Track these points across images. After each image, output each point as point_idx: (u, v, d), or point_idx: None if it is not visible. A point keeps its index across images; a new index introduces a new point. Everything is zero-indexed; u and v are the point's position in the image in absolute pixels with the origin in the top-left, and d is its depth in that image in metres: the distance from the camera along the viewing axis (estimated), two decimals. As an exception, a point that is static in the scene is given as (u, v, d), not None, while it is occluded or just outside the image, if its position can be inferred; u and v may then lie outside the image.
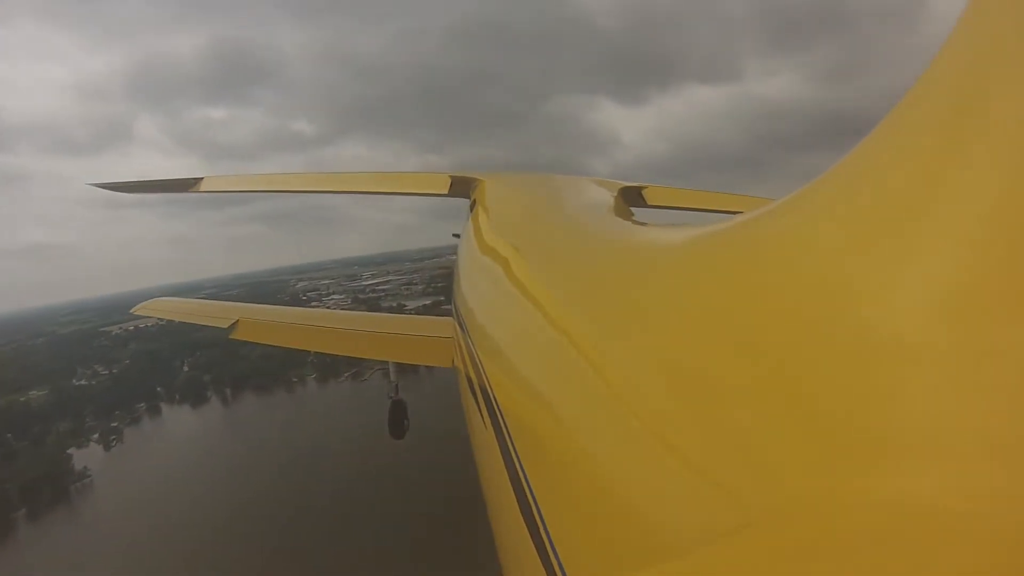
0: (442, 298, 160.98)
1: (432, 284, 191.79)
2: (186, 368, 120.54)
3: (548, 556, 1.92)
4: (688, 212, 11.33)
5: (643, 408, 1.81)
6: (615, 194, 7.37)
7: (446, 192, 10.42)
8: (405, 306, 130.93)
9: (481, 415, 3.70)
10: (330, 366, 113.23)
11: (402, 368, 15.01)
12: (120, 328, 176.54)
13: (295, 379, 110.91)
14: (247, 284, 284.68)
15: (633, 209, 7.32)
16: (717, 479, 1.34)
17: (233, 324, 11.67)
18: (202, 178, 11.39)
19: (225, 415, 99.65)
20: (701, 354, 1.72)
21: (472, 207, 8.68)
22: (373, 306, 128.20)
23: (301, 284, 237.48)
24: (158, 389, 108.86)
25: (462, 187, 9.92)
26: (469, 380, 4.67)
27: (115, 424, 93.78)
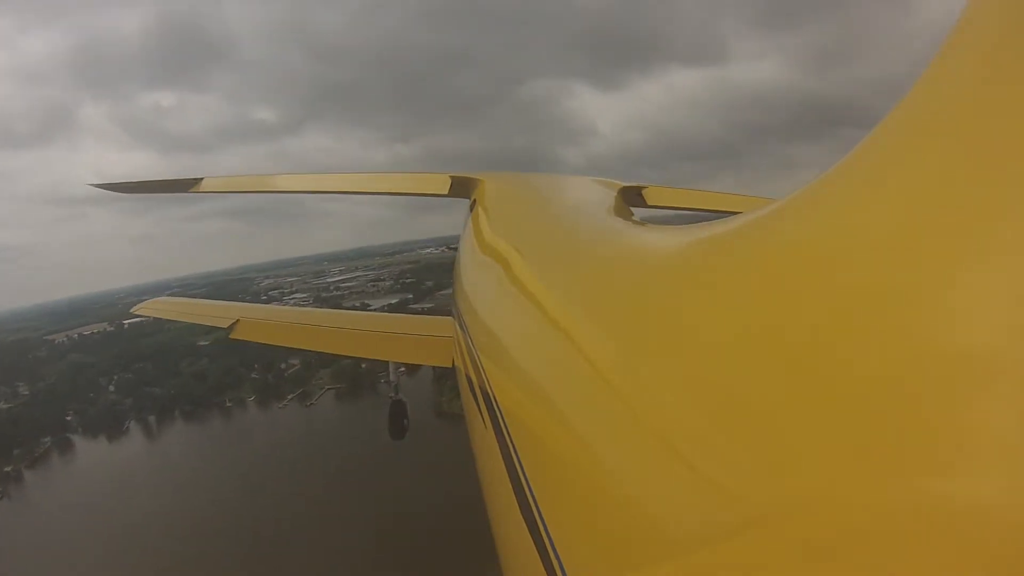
0: (410, 296, 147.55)
1: (401, 280, 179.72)
2: (111, 388, 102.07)
3: (548, 556, 1.89)
4: (688, 212, 10.91)
5: (644, 408, 1.80)
6: (615, 194, 7.14)
7: (446, 192, 9.86)
8: (368, 305, 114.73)
9: (481, 415, 3.67)
10: (272, 387, 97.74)
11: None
12: (66, 336, 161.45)
13: (230, 403, 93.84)
14: (213, 283, 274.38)
15: (633, 209, 7.24)
16: (718, 479, 1.32)
17: (233, 324, 10.85)
18: (202, 179, 10.74)
19: (146, 452, 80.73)
20: (702, 354, 1.72)
21: (472, 207, 8.42)
22: (335, 306, 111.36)
23: (267, 282, 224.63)
24: (67, 418, 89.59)
25: (462, 187, 9.49)
26: (469, 380, 4.57)
27: (9, 468, 75.23)
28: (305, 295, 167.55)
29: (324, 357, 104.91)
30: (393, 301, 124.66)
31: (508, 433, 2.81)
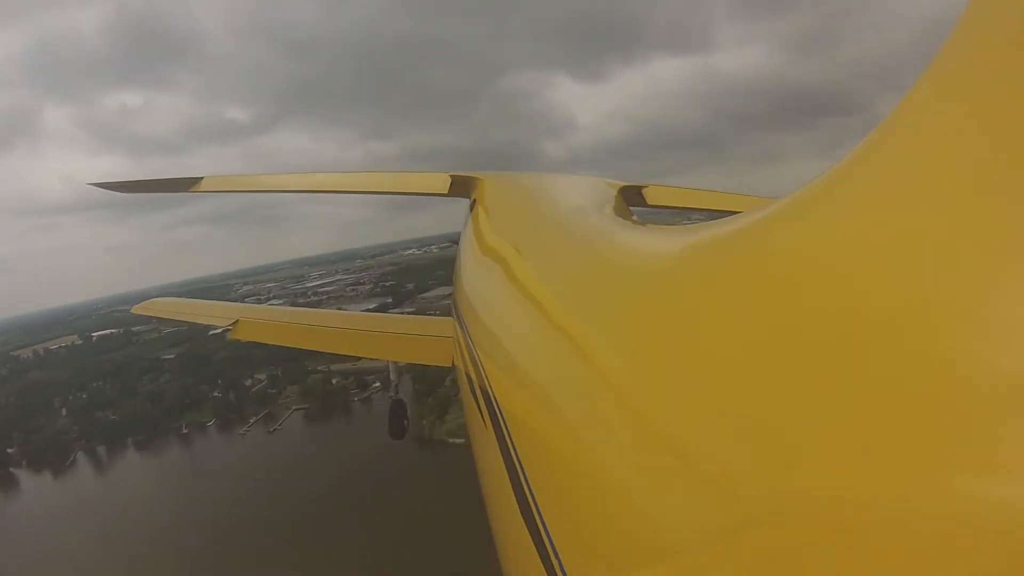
0: (389, 299, 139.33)
1: (381, 283, 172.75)
2: (64, 412, 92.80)
3: (548, 556, 1.89)
4: (688, 212, 11.15)
5: (644, 408, 1.81)
6: (615, 193, 7.08)
7: (446, 192, 9.68)
8: (345, 310, 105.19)
9: (481, 415, 3.64)
10: (234, 408, 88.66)
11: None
12: (32, 351, 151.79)
13: (187, 428, 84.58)
14: (192, 291, 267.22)
15: (633, 209, 7.35)
16: (718, 479, 1.34)
17: (233, 324, 10.79)
18: (202, 178, 10.36)
19: (88, 493, 70.09)
20: (702, 354, 1.72)
21: (472, 206, 8.27)
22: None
23: (246, 288, 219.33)
24: (9, 451, 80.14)
25: (462, 186, 9.29)
26: (469, 379, 4.59)
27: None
28: (281, 301, 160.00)
29: (291, 373, 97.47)
30: (371, 306, 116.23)
31: (508, 433, 2.79)
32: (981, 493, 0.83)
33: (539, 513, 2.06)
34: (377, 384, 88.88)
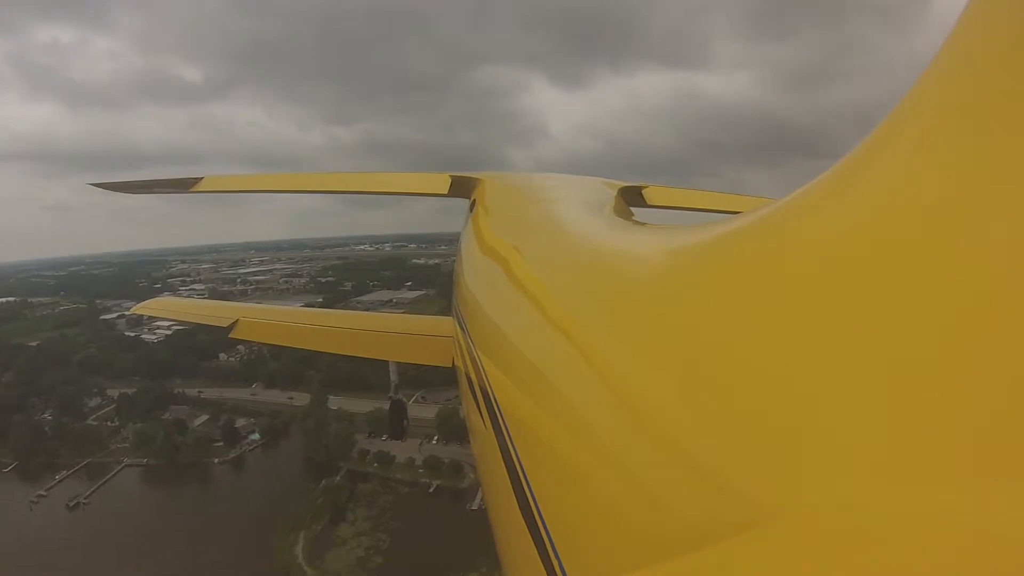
0: (320, 299, 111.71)
1: (318, 279, 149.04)
2: None
3: (548, 556, 1.88)
4: (688, 212, 10.44)
5: (644, 408, 1.77)
6: (615, 194, 6.73)
7: (446, 192, 8.99)
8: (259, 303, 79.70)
9: (481, 415, 3.64)
10: (50, 447, 59.90)
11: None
12: None
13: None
14: (127, 263, 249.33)
15: (633, 209, 6.90)
16: (718, 480, 1.30)
17: (233, 324, 10.35)
18: (202, 178, 9.36)
19: None
20: (702, 354, 1.68)
21: (472, 207, 7.87)
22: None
23: (181, 266, 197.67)
24: None
25: (462, 187, 8.72)
26: (469, 380, 4.58)
27: None
28: (202, 287, 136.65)
29: (144, 399, 69.60)
30: (298, 304, 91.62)
31: (508, 433, 2.78)
32: (983, 495, 0.82)
33: (539, 513, 2.04)
34: (255, 435, 65.12)
